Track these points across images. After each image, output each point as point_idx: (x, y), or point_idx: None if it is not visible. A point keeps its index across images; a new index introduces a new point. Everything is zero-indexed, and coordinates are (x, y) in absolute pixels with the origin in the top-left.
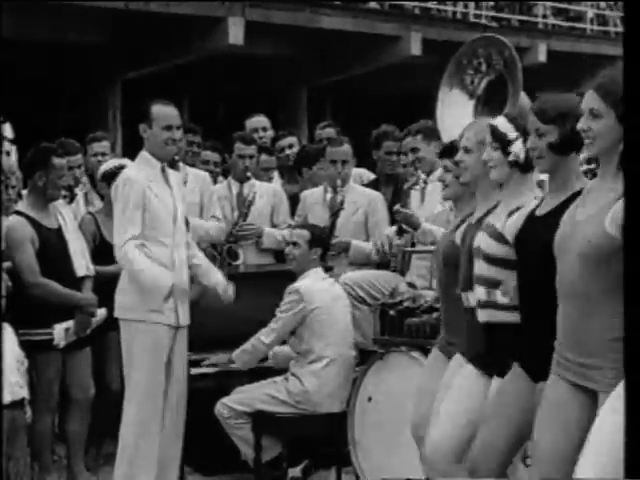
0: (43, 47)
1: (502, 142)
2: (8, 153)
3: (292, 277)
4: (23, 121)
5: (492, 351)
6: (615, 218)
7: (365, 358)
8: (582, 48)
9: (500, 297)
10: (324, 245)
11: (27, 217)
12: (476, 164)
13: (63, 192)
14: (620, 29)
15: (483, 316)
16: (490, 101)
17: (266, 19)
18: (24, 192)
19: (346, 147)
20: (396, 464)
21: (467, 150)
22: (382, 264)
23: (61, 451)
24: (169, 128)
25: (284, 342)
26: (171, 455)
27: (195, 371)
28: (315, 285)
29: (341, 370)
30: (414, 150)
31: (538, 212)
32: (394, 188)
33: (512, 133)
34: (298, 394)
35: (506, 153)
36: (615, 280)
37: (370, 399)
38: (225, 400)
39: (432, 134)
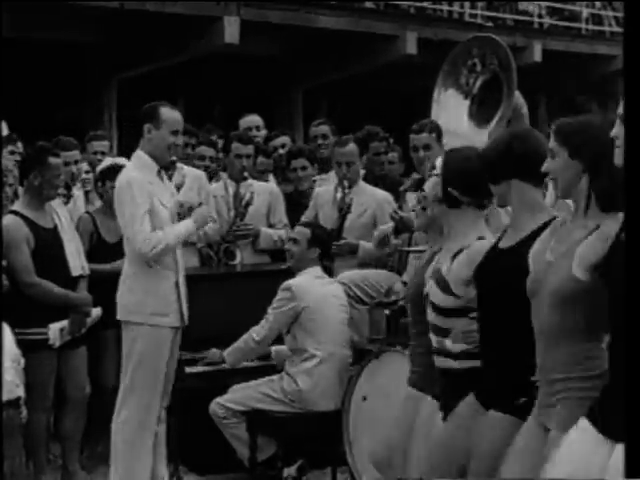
0: (39, 46)
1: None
2: (12, 152)
3: (288, 276)
4: (19, 120)
5: (447, 396)
6: (582, 259)
7: (361, 357)
8: (577, 48)
9: (450, 345)
10: (324, 246)
11: (23, 217)
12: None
13: (60, 191)
14: (615, 29)
15: (437, 362)
16: (485, 101)
17: (262, 18)
18: (21, 191)
19: (351, 147)
20: None
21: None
22: (379, 263)
23: (56, 450)
24: (175, 133)
25: (281, 341)
26: (160, 451)
27: (190, 370)
28: (308, 283)
29: (334, 369)
30: (426, 147)
31: (501, 244)
32: (384, 188)
33: (435, 170)
34: (292, 393)
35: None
36: (581, 320)
37: (365, 398)
38: (220, 399)
39: (441, 135)
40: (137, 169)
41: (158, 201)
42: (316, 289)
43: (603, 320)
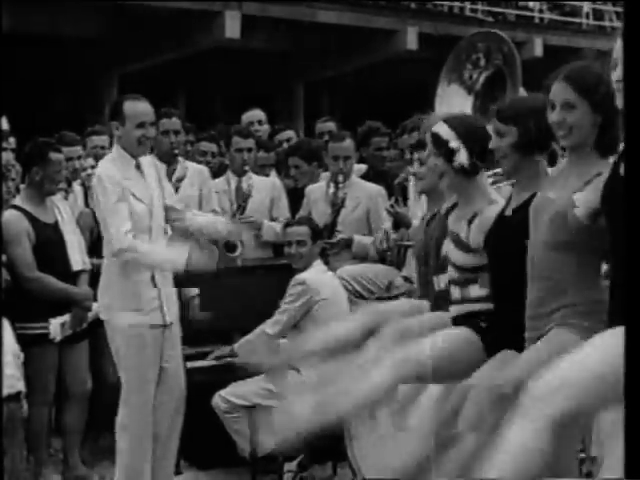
0: (41, 41)
1: (445, 150)
2: (5, 149)
3: (290, 270)
4: (20, 115)
5: None
6: (584, 203)
7: None
8: (578, 43)
9: (476, 290)
10: (322, 238)
11: (24, 211)
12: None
13: (61, 185)
14: (616, 24)
15: (457, 310)
16: (488, 96)
17: (263, 13)
18: (22, 186)
19: (348, 142)
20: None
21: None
22: (379, 258)
23: (57, 445)
24: (142, 125)
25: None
26: (168, 449)
27: (192, 365)
28: (320, 277)
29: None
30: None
31: (507, 212)
32: (385, 184)
33: (454, 141)
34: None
35: (450, 161)
36: (576, 265)
37: None
38: (223, 393)
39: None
40: (112, 163)
41: (132, 195)
42: (328, 282)
43: (597, 262)
